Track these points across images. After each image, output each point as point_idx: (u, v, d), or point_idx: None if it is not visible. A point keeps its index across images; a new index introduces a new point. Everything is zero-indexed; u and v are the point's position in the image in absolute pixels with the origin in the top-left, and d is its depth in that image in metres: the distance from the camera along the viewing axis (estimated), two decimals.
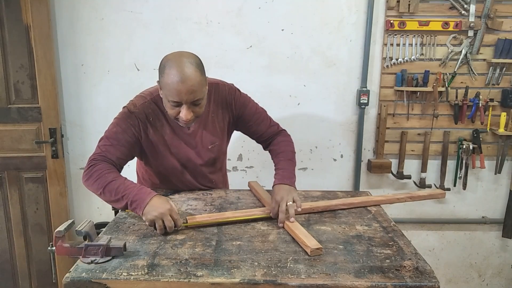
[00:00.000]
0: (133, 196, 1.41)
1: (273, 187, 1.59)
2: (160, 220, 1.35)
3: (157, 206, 1.37)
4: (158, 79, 1.52)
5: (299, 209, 1.48)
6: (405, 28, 2.41)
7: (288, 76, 2.50)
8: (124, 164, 1.62)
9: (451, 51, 2.44)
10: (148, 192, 1.43)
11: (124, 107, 1.62)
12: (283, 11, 2.42)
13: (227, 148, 1.87)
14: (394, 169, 2.60)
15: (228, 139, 1.83)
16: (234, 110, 1.72)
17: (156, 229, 1.37)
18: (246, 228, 1.43)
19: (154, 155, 1.67)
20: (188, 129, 1.66)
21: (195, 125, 1.67)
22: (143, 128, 1.60)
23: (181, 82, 1.41)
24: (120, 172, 1.57)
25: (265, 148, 1.85)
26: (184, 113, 1.46)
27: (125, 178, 1.50)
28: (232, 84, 1.75)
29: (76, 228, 1.20)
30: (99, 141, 1.59)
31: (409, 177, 2.62)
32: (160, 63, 1.51)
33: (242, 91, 1.77)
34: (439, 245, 2.78)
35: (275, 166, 1.71)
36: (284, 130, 1.84)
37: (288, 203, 1.45)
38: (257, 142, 1.85)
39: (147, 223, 1.38)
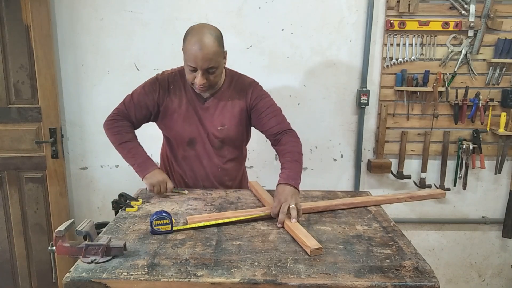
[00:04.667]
0: (141, 162, 1.73)
1: (277, 186, 1.59)
2: (159, 186, 1.69)
3: (157, 175, 1.71)
4: (182, 47, 1.65)
5: (300, 218, 1.47)
6: (405, 28, 2.41)
7: (288, 76, 2.50)
8: (141, 124, 1.85)
9: (451, 51, 2.45)
10: (153, 163, 1.74)
11: (154, 75, 1.82)
12: (283, 11, 2.42)
13: (242, 143, 1.90)
14: (394, 169, 2.60)
15: (245, 130, 1.86)
16: (249, 99, 1.79)
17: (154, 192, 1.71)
18: (246, 228, 1.43)
19: (169, 120, 1.79)
20: (203, 104, 1.77)
21: (211, 103, 1.77)
22: (163, 94, 1.77)
23: (199, 49, 1.55)
24: (136, 129, 1.85)
25: (273, 145, 1.85)
26: (199, 78, 1.60)
27: (139, 144, 1.79)
28: (257, 81, 1.86)
29: (76, 228, 1.20)
30: (126, 97, 1.83)
31: (409, 177, 2.62)
32: (185, 33, 1.64)
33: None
34: (439, 245, 2.78)
35: (281, 165, 1.70)
36: (294, 130, 1.83)
37: (290, 206, 1.45)
38: (266, 136, 1.85)
39: (147, 186, 1.71)
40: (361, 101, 2.49)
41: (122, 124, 1.80)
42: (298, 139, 1.80)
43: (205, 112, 1.78)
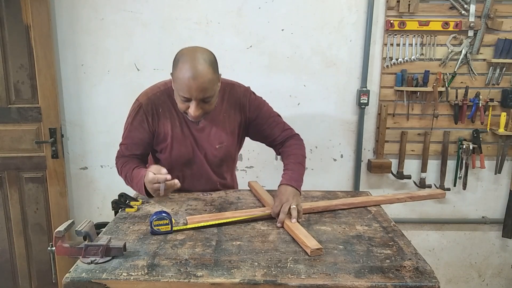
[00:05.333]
0: (136, 183, 1.59)
1: (278, 186, 1.59)
2: (157, 188, 1.46)
3: (147, 184, 1.51)
4: (171, 72, 1.53)
5: (300, 219, 1.47)
6: (405, 28, 2.41)
7: (288, 76, 2.50)
8: (146, 155, 1.75)
9: (451, 51, 2.44)
10: (139, 179, 1.56)
11: (136, 99, 1.66)
12: (283, 11, 2.42)
13: (236, 154, 1.84)
14: (394, 169, 2.60)
15: (239, 143, 1.80)
16: (248, 112, 1.71)
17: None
18: (246, 228, 1.43)
19: (163, 145, 1.68)
20: (198, 125, 1.66)
21: (205, 122, 1.67)
22: (152, 120, 1.64)
23: (193, 78, 1.41)
24: (146, 158, 1.75)
25: (277, 152, 1.82)
26: (193, 109, 1.47)
27: (133, 170, 1.63)
28: (249, 87, 1.74)
29: (76, 228, 1.20)
30: (122, 138, 1.70)
31: (409, 177, 2.62)
32: (175, 56, 1.50)
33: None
34: (439, 245, 2.78)
35: (284, 166, 1.69)
36: (297, 134, 1.82)
37: (291, 206, 1.45)
38: (270, 146, 1.82)
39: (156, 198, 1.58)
40: (361, 101, 2.49)
41: (121, 161, 1.70)
42: (302, 141, 1.80)
43: (201, 133, 1.67)
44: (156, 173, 1.46)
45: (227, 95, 1.68)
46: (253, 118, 1.72)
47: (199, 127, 1.67)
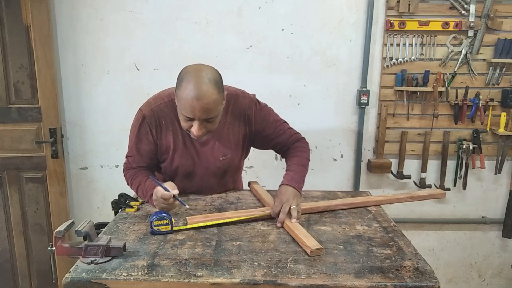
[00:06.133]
0: (148, 199, 1.55)
1: (279, 186, 1.59)
2: (163, 205, 1.45)
3: (154, 201, 1.50)
4: (175, 89, 1.49)
5: (298, 220, 1.46)
6: (405, 28, 2.41)
7: (288, 76, 2.50)
8: (154, 165, 1.72)
9: (451, 51, 2.44)
10: (150, 195, 1.52)
11: (139, 109, 1.62)
12: (283, 11, 2.42)
13: (241, 163, 1.82)
14: (394, 169, 2.60)
15: (244, 153, 1.78)
16: (254, 125, 1.67)
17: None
18: (246, 228, 1.43)
19: (165, 156, 1.66)
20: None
21: (209, 135, 1.62)
22: (156, 132, 1.62)
23: (196, 99, 1.37)
24: (153, 168, 1.73)
25: (283, 156, 1.81)
26: (196, 129, 1.44)
27: (146, 180, 1.59)
28: (254, 96, 1.69)
29: (76, 228, 1.20)
30: (128, 149, 1.69)
31: (409, 177, 2.62)
32: (179, 74, 1.46)
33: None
34: (439, 245, 2.78)
35: (286, 167, 1.69)
36: (303, 138, 1.80)
37: (292, 207, 1.45)
38: (277, 152, 1.81)
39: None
40: (361, 101, 2.49)
41: (129, 174, 1.67)
42: (307, 145, 1.79)
43: (204, 147, 1.65)
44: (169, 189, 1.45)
45: (232, 107, 1.64)
46: (259, 130, 1.69)
47: (202, 141, 1.64)
